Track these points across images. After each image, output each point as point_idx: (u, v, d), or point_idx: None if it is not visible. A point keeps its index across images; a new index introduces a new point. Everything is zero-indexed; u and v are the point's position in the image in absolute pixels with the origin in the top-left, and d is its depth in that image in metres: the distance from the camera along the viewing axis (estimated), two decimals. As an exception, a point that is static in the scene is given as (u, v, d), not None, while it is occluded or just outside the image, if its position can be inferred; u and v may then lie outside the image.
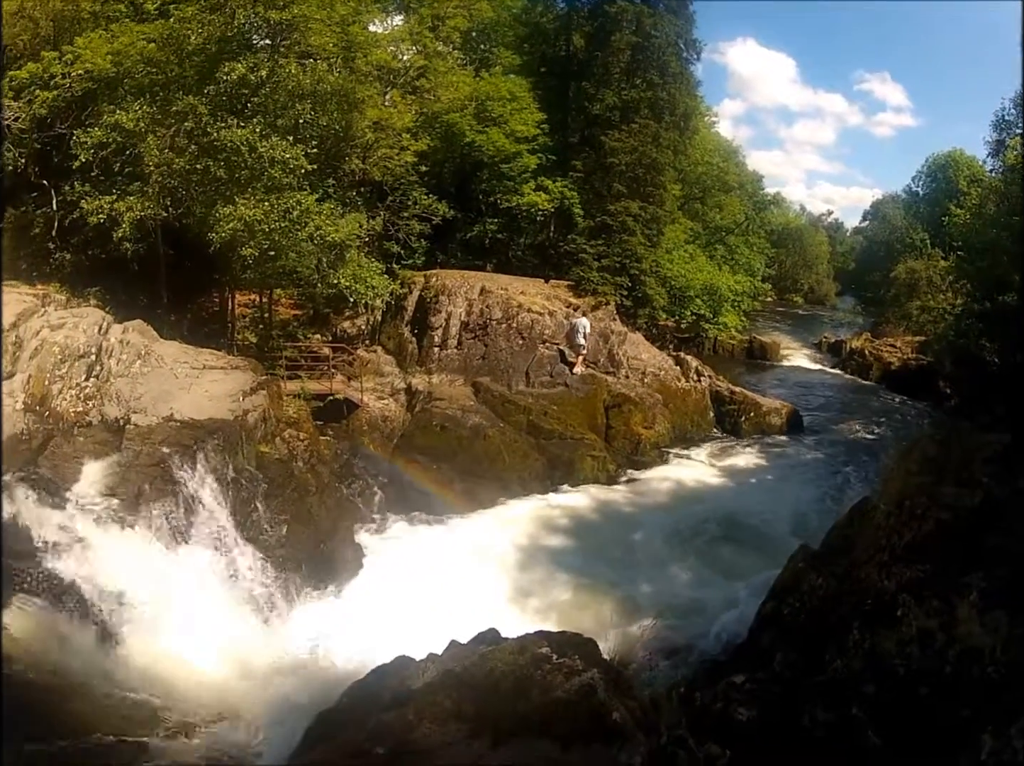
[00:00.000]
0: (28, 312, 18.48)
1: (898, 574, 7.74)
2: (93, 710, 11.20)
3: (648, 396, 26.55)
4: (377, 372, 24.10)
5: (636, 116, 30.52)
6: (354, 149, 24.05)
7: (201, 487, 15.69)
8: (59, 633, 12.25)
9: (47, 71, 21.19)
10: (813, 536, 11.79)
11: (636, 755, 6.84)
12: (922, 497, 8.47)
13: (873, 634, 7.16)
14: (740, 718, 6.83)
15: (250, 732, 10.36)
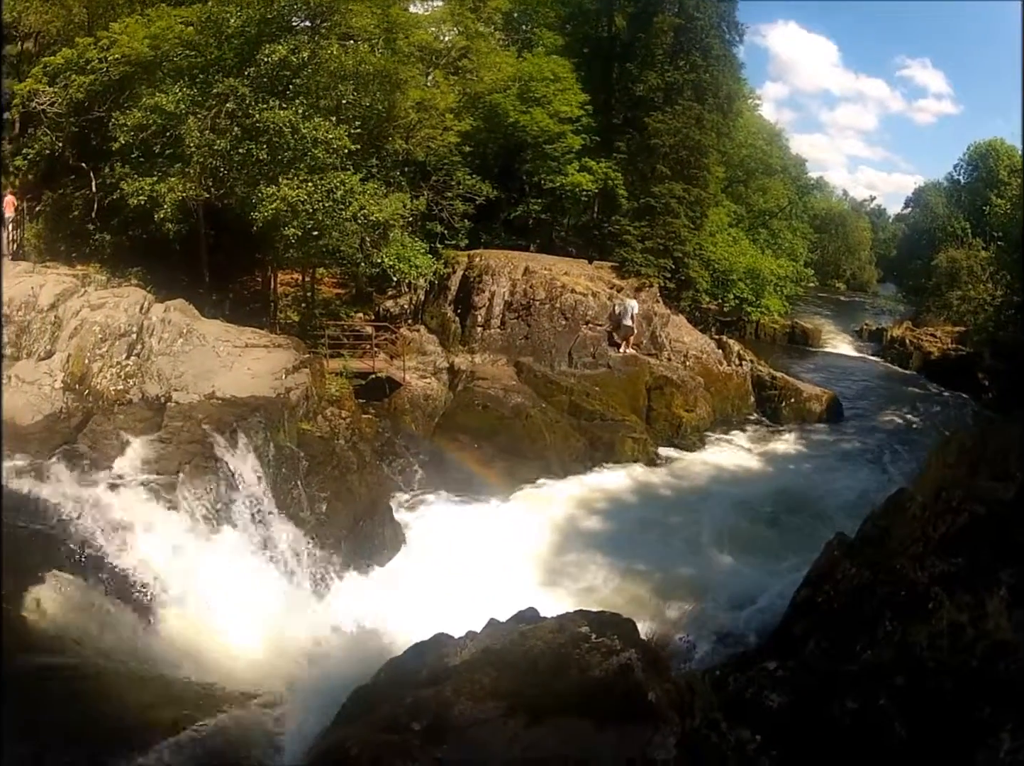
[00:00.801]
0: (68, 292, 18.63)
1: (931, 566, 7.61)
2: (128, 687, 11.45)
3: (690, 379, 26.38)
4: (420, 351, 24.17)
5: (679, 98, 30.18)
6: (397, 129, 24.01)
7: (242, 464, 15.74)
8: (95, 609, 12.33)
9: (82, 56, 21.33)
10: (850, 525, 11.66)
11: (670, 737, 6.80)
12: (957, 490, 8.31)
13: (905, 626, 7.07)
14: (771, 704, 6.76)
15: (285, 708, 10.39)
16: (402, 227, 22.36)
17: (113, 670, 11.57)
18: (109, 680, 11.38)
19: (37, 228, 23.16)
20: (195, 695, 11.53)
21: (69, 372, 17.07)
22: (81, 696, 10.61)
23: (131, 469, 14.87)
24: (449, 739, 7.06)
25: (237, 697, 11.71)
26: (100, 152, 22.15)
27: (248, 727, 10.14)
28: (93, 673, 11.43)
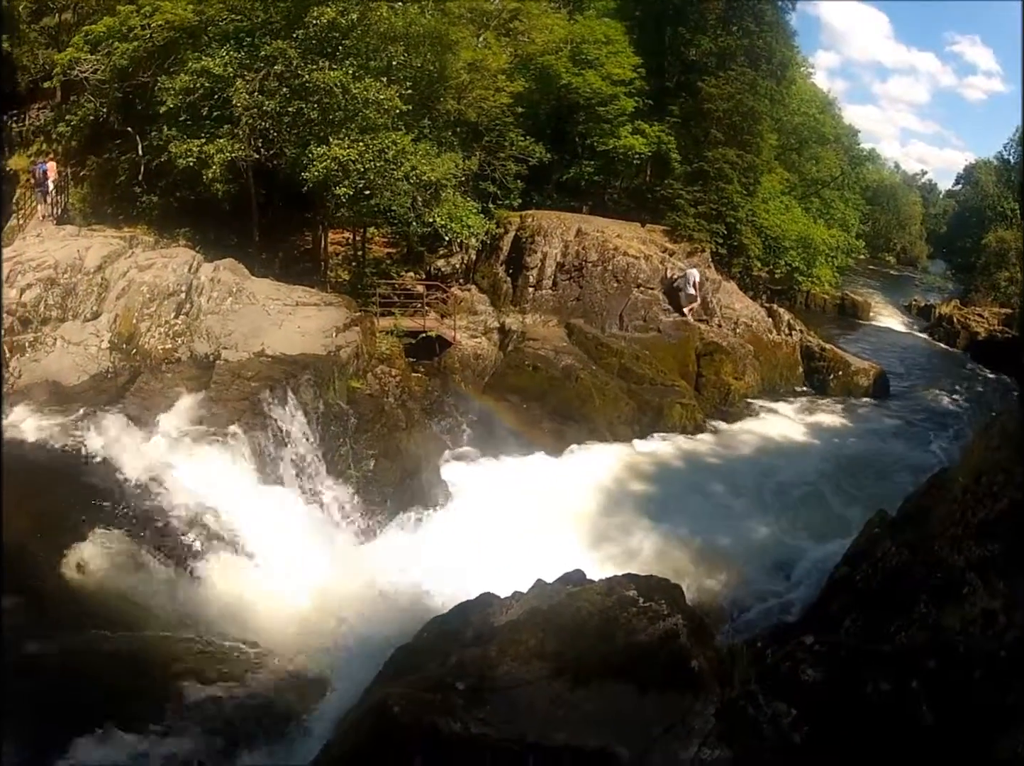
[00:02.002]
0: (115, 254, 18.93)
1: (968, 551, 7.47)
2: (172, 643, 11.54)
3: (740, 346, 26.15)
4: (470, 311, 24.20)
5: (733, 63, 29.81)
6: (449, 90, 23.85)
7: (291, 421, 15.92)
8: (138, 566, 12.59)
9: (124, 24, 21.39)
10: (892, 503, 11.54)
11: (710, 705, 6.83)
12: (998, 474, 8.07)
13: (939, 610, 7.00)
14: (807, 679, 6.71)
15: (328, 665, 10.48)
16: (454, 187, 22.26)
17: (157, 626, 11.85)
18: (153, 636, 11.63)
19: (82, 192, 23.44)
20: (238, 650, 11.75)
21: (116, 332, 17.38)
22: (125, 653, 10.87)
23: (179, 426, 15.10)
24: (492, 699, 7.09)
25: (280, 652, 11.89)
26: (146, 116, 22.27)
27: (291, 683, 10.31)
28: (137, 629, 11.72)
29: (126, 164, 22.99)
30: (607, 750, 6.36)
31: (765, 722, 6.52)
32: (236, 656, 11.48)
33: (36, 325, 17.10)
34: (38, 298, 17.28)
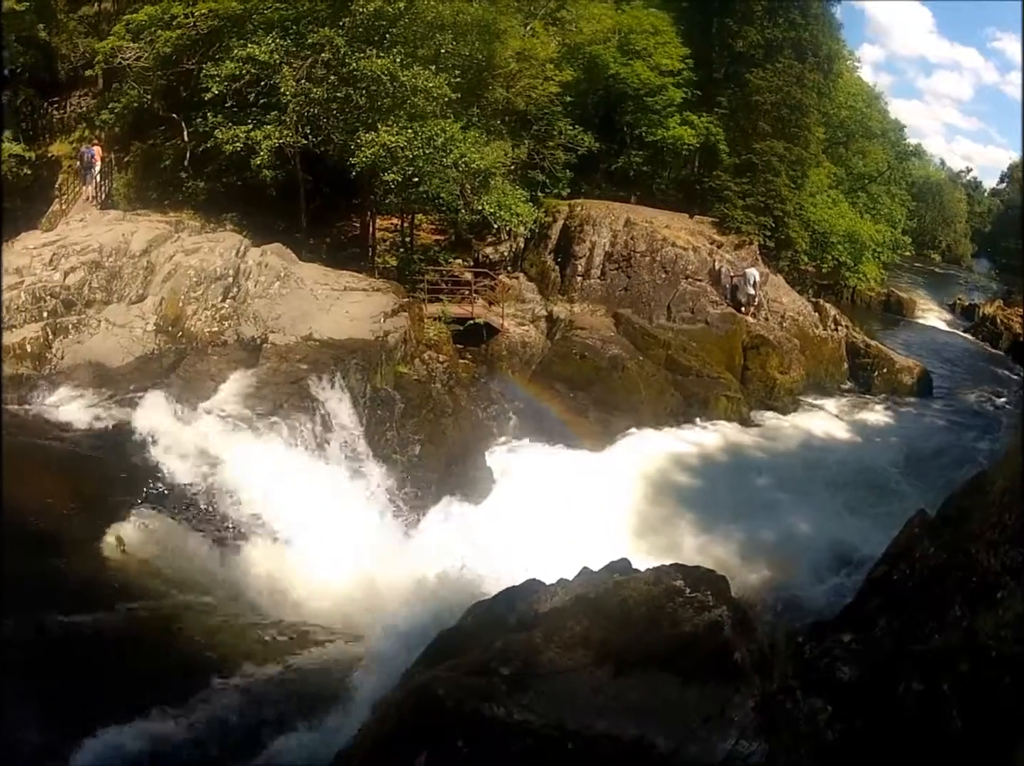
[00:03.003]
0: (161, 238, 19.14)
1: (1004, 555, 7.23)
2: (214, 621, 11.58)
3: (786, 340, 25.90)
4: (518, 298, 24.16)
5: (780, 55, 29.46)
6: (497, 79, 23.85)
7: (338, 404, 15.99)
8: (179, 545, 12.68)
9: (167, 12, 21.58)
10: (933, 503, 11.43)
11: (749, 698, 6.67)
12: None
13: (973, 613, 6.70)
14: (843, 677, 6.61)
15: (370, 647, 10.45)
16: (503, 175, 22.27)
17: (196, 604, 11.86)
18: (191, 614, 11.72)
19: (126, 178, 23.75)
20: (277, 630, 11.75)
21: (162, 315, 17.53)
22: (161, 630, 10.92)
23: (224, 407, 15.18)
24: (536, 686, 6.95)
25: (319, 634, 11.92)
26: (191, 103, 22.46)
27: (332, 664, 10.31)
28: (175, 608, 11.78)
29: (171, 150, 23.23)
30: (644, 739, 6.27)
31: (801, 718, 6.39)
32: (274, 637, 11.49)
33: (80, 307, 17.31)
34: (82, 281, 17.49)
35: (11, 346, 16.07)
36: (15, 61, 23.69)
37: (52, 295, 17.07)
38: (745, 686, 6.84)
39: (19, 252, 18.44)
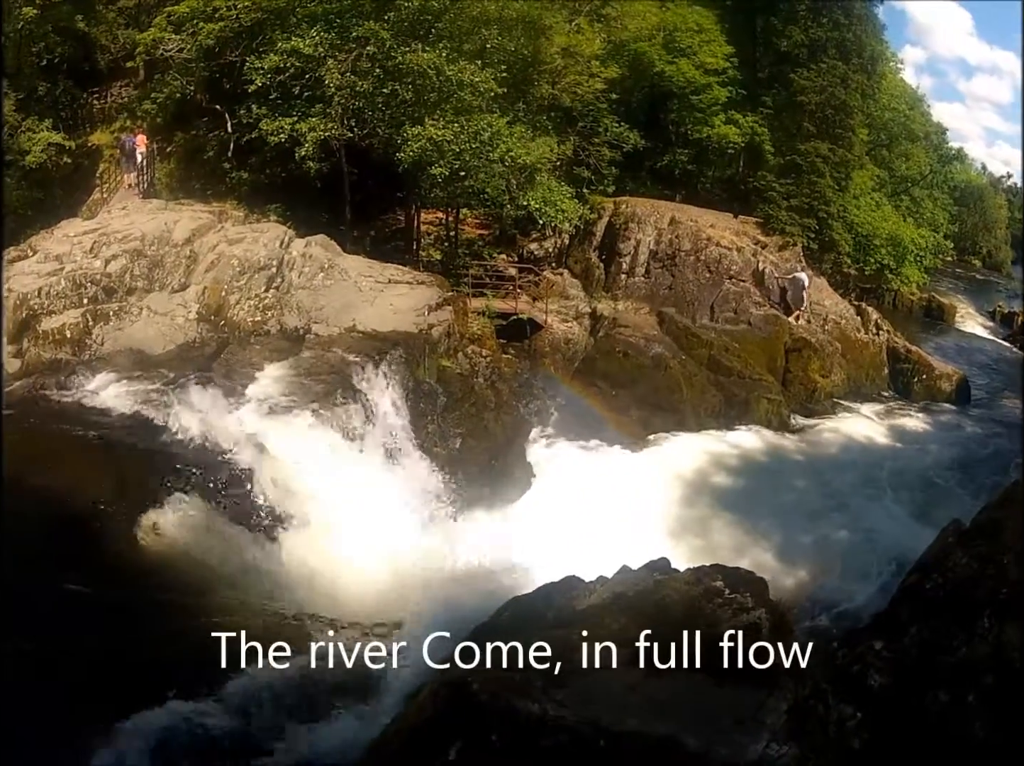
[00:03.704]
0: (204, 228, 19.21)
1: None
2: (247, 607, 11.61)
3: (828, 344, 25.68)
4: (562, 295, 24.18)
5: (824, 56, 29.18)
6: (543, 75, 23.81)
7: (380, 396, 15.99)
8: (216, 532, 12.68)
9: (209, 5, 21.72)
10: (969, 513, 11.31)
11: (783, 702, 6.70)
12: None
13: (1002, 624, 6.60)
14: (873, 684, 6.53)
15: (405, 639, 10.42)
16: (549, 171, 22.26)
17: (230, 591, 11.89)
18: (224, 600, 11.74)
19: (169, 167, 23.95)
20: (314, 619, 11.71)
21: (204, 304, 17.59)
22: (194, 616, 10.93)
23: (266, 396, 15.20)
24: (571, 682, 7.01)
25: (355, 624, 11.89)
26: (234, 94, 22.58)
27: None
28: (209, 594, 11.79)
29: (214, 141, 23.37)
30: (675, 739, 6.30)
31: (832, 723, 6.34)
32: (309, 625, 11.44)
33: (121, 295, 17.39)
34: (124, 268, 17.58)
35: (50, 331, 16.26)
36: (53, 51, 23.87)
37: (93, 282, 17.19)
38: (779, 689, 6.85)
39: (59, 239, 18.63)
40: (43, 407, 14.81)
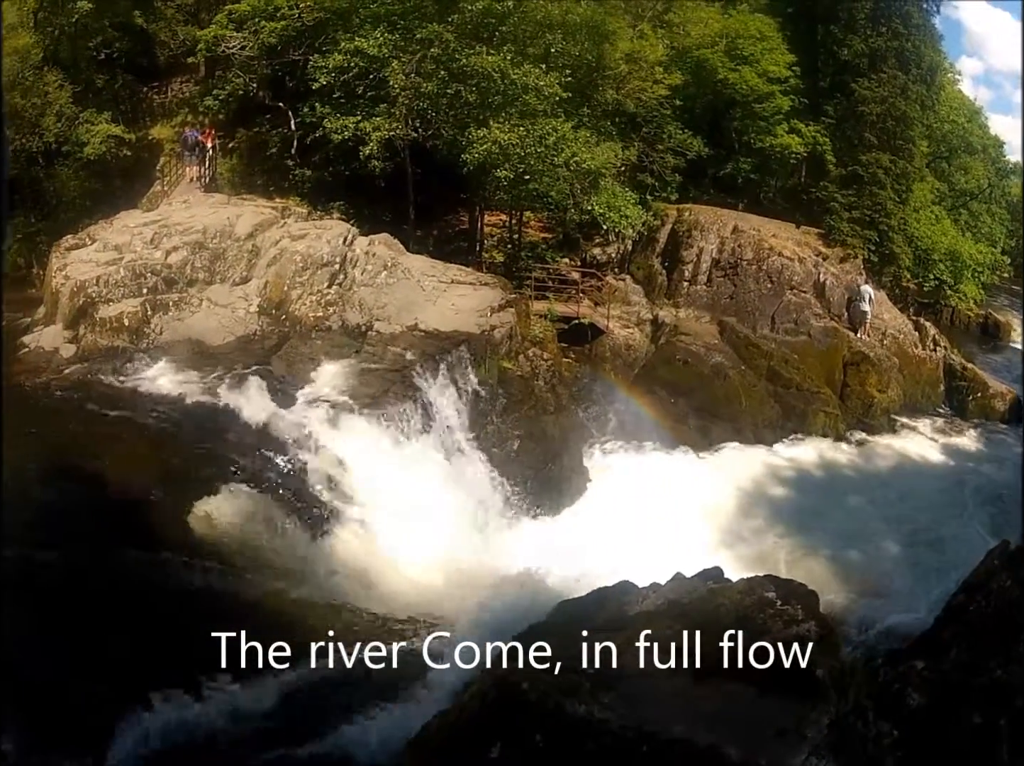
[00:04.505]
0: (267, 223, 19.45)
1: None
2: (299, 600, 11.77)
3: (886, 358, 25.31)
4: (624, 301, 24.12)
5: (884, 66, 28.78)
6: (607, 80, 23.74)
7: (440, 395, 16.14)
8: (269, 523, 12.83)
9: (271, 3, 21.91)
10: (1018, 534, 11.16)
11: (824, 716, 6.74)
12: None
13: None
14: (911, 703, 6.53)
15: (454, 637, 10.40)
16: (613, 176, 22.22)
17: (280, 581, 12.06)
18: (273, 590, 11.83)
19: (231, 163, 24.25)
20: (363, 614, 11.93)
21: (266, 298, 17.79)
22: (246, 606, 11.08)
23: (325, 391, 15.48)
24: (619, 686, 7.08)
25: (405, 620, 12.01)
26: (297, 92, 22.82)
27: (412, 651, 10.26)
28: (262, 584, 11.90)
29: (277, 138, 23.64)
30: (717, 747, 6.34)
31: (870, 740, 6.38)
32: (357, 620, 11.69)
33: (182, 286, 17.72)
34: (184, 260, 17.91)
35: (108, 319, 16.67)
36: (110, 46, 24.22)
37: (153, 272, 17.52)
38: (823, 703, 6.88)
39: (119, 230, 19.05)
40: (98, 392, 15.18)
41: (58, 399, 14.93)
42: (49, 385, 15.44)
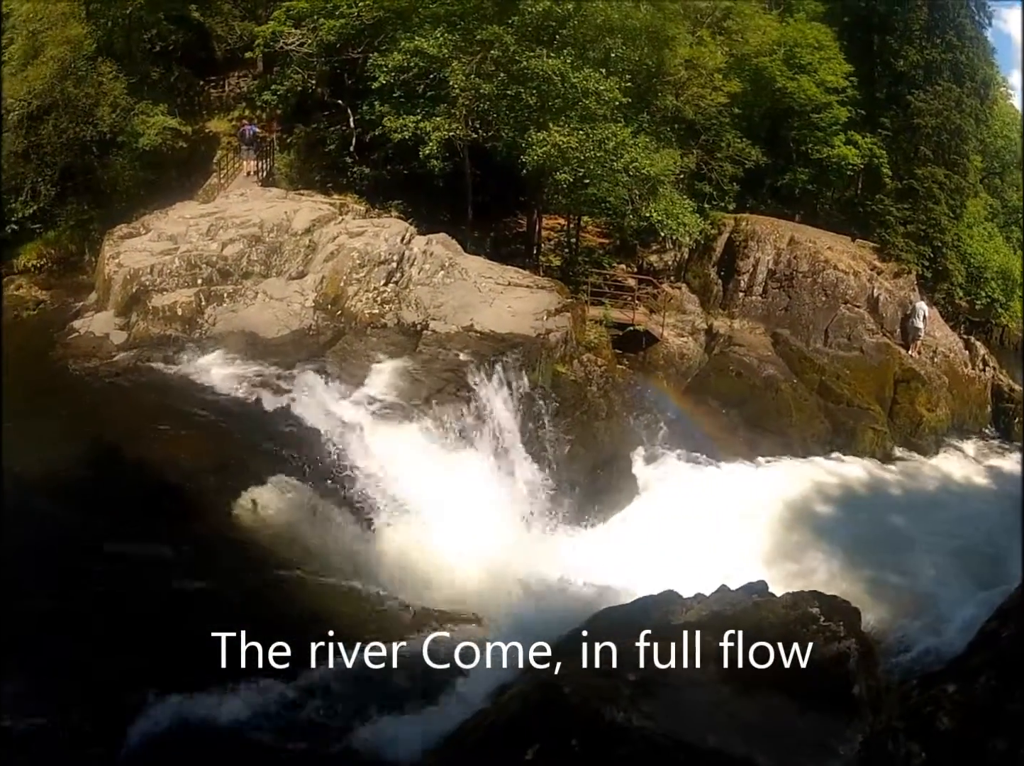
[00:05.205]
0: (324, 219, 19.49)
1: None
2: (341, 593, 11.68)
3: (936, 377, 25.10)
4: (679, 309, 24.07)
5: (939, 78, 28.51)
6: (666, 86, 23.65)
7: (493, 397, 16.09)
8: (316, 513, 12.83)
9: (329, 1, 21.89)
10: None
11: (858, 734, 6.68)
12: None
13: None
14: (940, 727, 6.39)
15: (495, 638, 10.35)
16: (671, 184, 22.11)
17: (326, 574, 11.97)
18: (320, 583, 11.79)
19: (289, 158, 24.30)
20: (404, 610, 11.77)
21: (322, 293, 17.83)
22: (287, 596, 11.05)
23: (379, 387, 15.45)
24: (660, 695, 7.07)
25: (446, 618, 11.89)
26: (356, 90, 22.89)
27: (451, 650, 10.17)
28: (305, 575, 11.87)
29: (335, 135, 23.65)
30: (751, 760, 6.32)
31: (899, 760, 6.21)
32: (397, 616, 11.57)
33: (237, 278, 17.79)
34: (240, 253, 17.98)
35: (161, 307, 16.78)
36: (166, 39, 24.36)
37: (208, 263, 17.63)
38: (858, 720, 6.84)
39: (174, 220, 19.17)
40: (147, 378, 15.30)
41: (107, 384, 15.06)
42: (98, 370, 15.56)
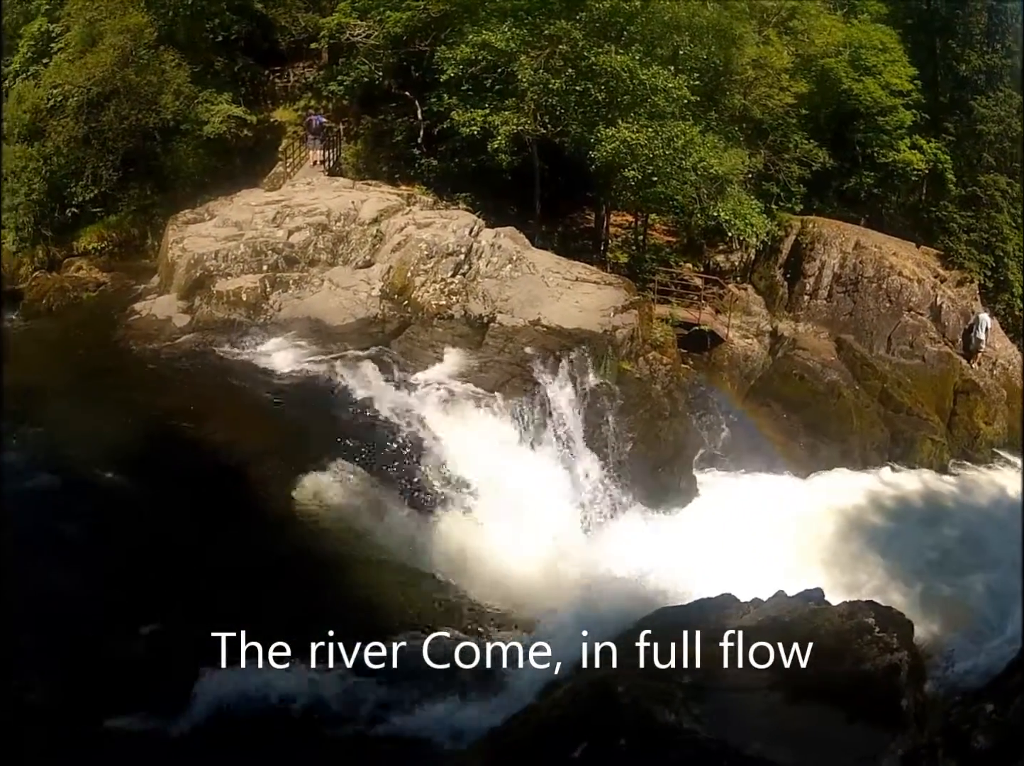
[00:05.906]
0: (392, 209, 19.67)
1: None
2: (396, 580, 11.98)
3: (995, 389, 24.68)
4: (745, 310, 23.94)
5: (1000, 84, 28.13)
6: (734, 85, 23.48)
7: (558, 392, 16.25)
8: (377, 500, 13.10)
9: None
10: None
11: (901, 747, 6.73)
12: None
13: None
14: (976, 745, 6.40)
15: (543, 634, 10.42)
16: (739, 183, 22.02)
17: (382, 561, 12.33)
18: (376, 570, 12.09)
19: (356, 148, 24.61)
20: (458, 601, 12.07)
21: (389, 283, 17.98)
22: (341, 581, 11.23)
23: (443, 378, 15.67)
24: (712, 698, 7.19)
25: (499, 612, 12.10)
26: (423, 82, 22.99)
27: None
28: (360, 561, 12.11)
29: (403, 126, 23.84)
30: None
31: None
32: (451, 607, 11.85)
33: (303, 265, 18.04)
34: (307, 241, 18.20)
35: (225, 292, 17.10)
36: (228, 28, 24.50)
37: (274, 250, 17.87)
38: (903, 734, 6.91)
39: (239, 207, 19.49)
40: (210, 362, 15.65)
41: (169, 366, 15.46)
42: (160, 352, 15.97)
